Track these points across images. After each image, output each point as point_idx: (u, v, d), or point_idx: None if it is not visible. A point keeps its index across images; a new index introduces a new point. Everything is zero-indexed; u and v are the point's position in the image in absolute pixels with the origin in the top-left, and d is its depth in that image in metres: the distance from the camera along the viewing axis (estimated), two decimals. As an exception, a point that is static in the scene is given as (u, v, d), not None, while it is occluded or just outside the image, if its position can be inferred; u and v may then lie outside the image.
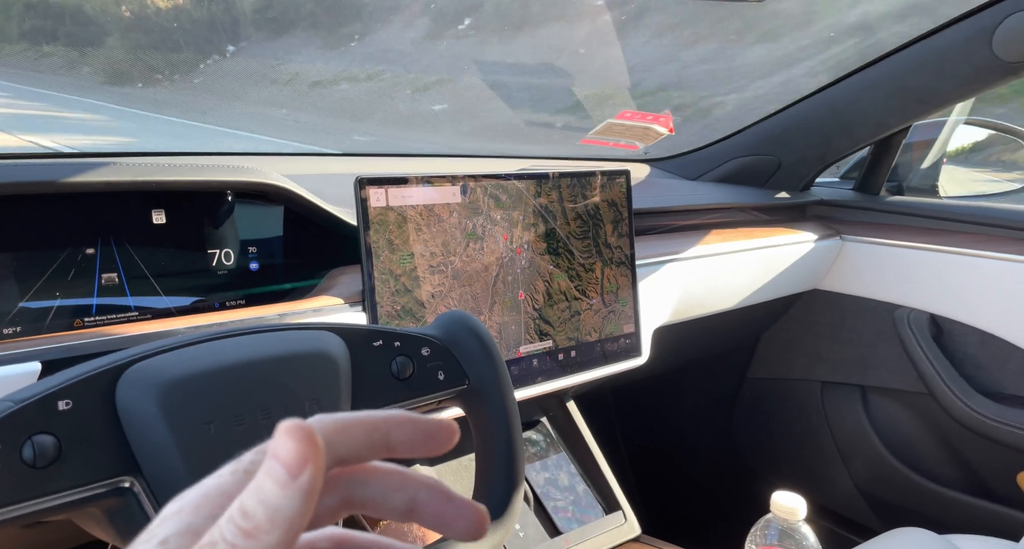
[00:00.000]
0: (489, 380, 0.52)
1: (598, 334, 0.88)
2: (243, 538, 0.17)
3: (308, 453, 0.17)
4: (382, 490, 0.22)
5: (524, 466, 0.52)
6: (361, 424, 0.20)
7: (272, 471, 0.17)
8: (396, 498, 0.22)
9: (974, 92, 1.10)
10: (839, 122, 1.20)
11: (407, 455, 0.21)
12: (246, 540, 0.17)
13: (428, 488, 0.22)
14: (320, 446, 0.18)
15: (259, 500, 0.17)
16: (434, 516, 0.22)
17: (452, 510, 0.22)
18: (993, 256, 1.11)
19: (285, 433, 0.18)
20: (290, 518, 0.17)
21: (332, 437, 0.19)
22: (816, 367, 1.33)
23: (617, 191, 0.91)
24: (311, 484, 0.17)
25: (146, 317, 0.63)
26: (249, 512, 0.17)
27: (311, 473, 0.17)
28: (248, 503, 0.17)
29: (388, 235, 0.71)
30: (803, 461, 1.40)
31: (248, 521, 0.17)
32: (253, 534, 0.17)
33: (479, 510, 0.22)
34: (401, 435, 0.21)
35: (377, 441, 0.21)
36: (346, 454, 0.20)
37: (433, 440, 0.22)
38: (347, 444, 0.20)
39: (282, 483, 0.17)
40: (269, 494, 0.17)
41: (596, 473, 0.96)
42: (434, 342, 0.52)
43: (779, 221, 1.27)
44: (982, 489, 1.17)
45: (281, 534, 0.17)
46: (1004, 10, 0.97)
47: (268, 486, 0.17)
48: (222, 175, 0.65)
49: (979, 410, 1.10)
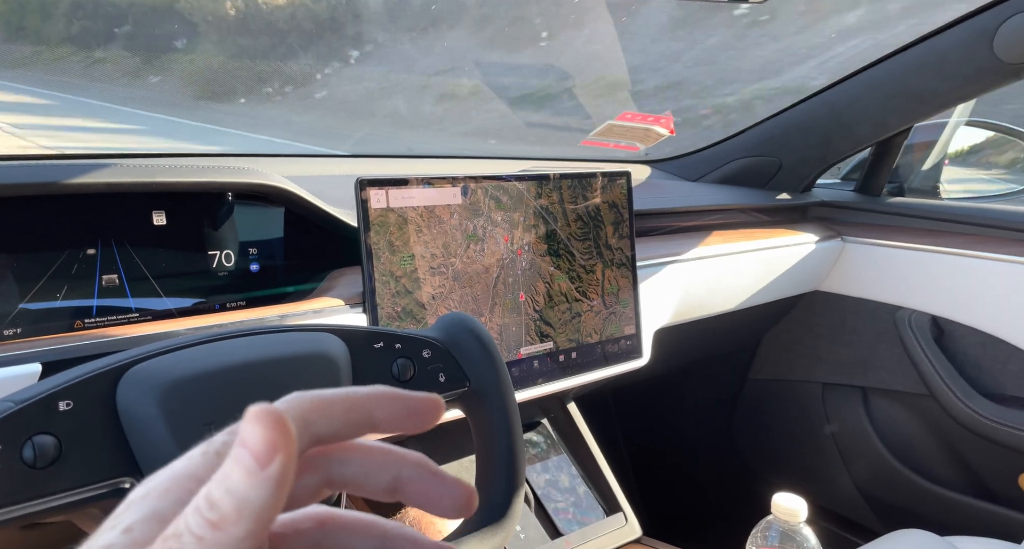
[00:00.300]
0: (490, 382, 0.52)
1: (599, 335, 0.88)
2: (209, 529, 0.16)
3: (278, 440, 0.16)
4: (364, 468, 0.21)
5: (525, 467, 0.52)
6: (341, 401, 0.19)
7: (240, 459, 0.16)
8: (380, 476, 0.21)
9: (975, 93, 1.09)
10: (840, 123, 1.20)
11: (390, 432, 0.21)
12: (212, 532, 0.16)
13: (413, 465, 0.21)
14: (291, 432, 0.17)
15: (226, 490, 0.16)
16: (419, 494, 0.21)
17: (438, 488, 0.21)
18: (994, 257, 1.11)
19: (254, 418, 0.16)
20: (258, 509, 0.16)
21: (309, 415, 0.18)
22: (817, 368, 1.33)
23: (618, 192, 0.91)
24: (281, 473, 0.16)
25: (147, 318, 0.63)
26: (216, 502, 0.16)
27: (281, 462, 0.16)
28: (215, 493, 0.16)
29: (389, 236, 0.71)
30: (804, 462, 1.39)
31: (214, 512, 0.16)
32: (219, 525, 0.16)
33: (467, 488, 0.21)
34: (383, 412, 0.20)
35: (358, 419, 0.20)
36: (325, 433, 0.19)
37: (417, 416, 0.21)
38: (326, 422, 0.19)
39: (250, 472, 0.16)
40: (236, 484, 0.16)
41: (597, 474, 0.96)
42: (435, 344, 0.52)
43: (780, 222, 1.27)
44: (983, 491, 1.17)
45: (249, 526, 0.16)
46: (1005, 11, 0.97)
47: (235, 475, 0.16)
48: (222, 176, 0.65)
49: (980, 412, 1.09)
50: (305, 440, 0.19)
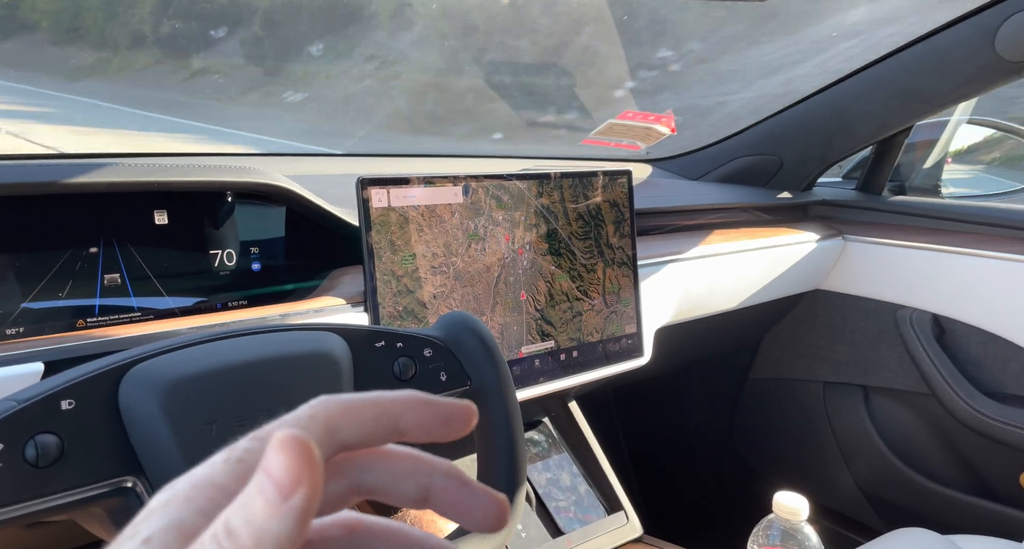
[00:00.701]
0: (491, 381, 0.52)
1: (600, 334, 0.88)
2: None
3: (303, 472, 0.16)
4: (394, 476, 0.20)
5: (526, 466, 0.53)
6: (369, 407, 0.19)
7: (262, 488, 0.16)
8: (409, 484, 0.20)
9: (976, 92, 1.09)
10: (841, 122, 1.19)
11: (420, 440, 0.20)
12: None
13: (444, 475, 0.21)
14: (317, 462, 0.16)
15: (245, 520, 0.16)
16: (450, 504, 0.21)
17: (469, 498, 0.20)
18: (996, 256, 1.11)
19: (279, 446, 0.16)
20: (278, 542, 0.16)
21: (337, 421, 0.18)
22: (818, 367, 1.33)
23: (619, 191, 0.91)
24: (305, 506, 0.16)
25: (148, 318, 0.63)
26: (234, 531, 0.16)
27: (305, 494, 0.16)
28: (234, 522, 0.16)
29: (390, 236, 0.71)
30: (805, 461, 1.39)
31: (232, 541, 0.16)
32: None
33: (499, 499, 0.21)
34: (413, 419, 0.20)
35: (387, 425, 0.19)
36: (352, 439, 0.19)
37: (448, 424, 0.20)
38: (353, 428, 0.18)
39: (272, 504, 0.16)
40: (257, 514, 0.16)
41: (598, 473, 0.96)
42: (436, 343, 0.52)
43: (781, 221, 1.27)
44: (985, 489, 1.17)
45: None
46: (1006, 10, 0.96)
47: (257, 505, 0.16)
48: (224, 175, 0.65)
49: (982, 410, 1.09)
50: (332, 446, 0.18)
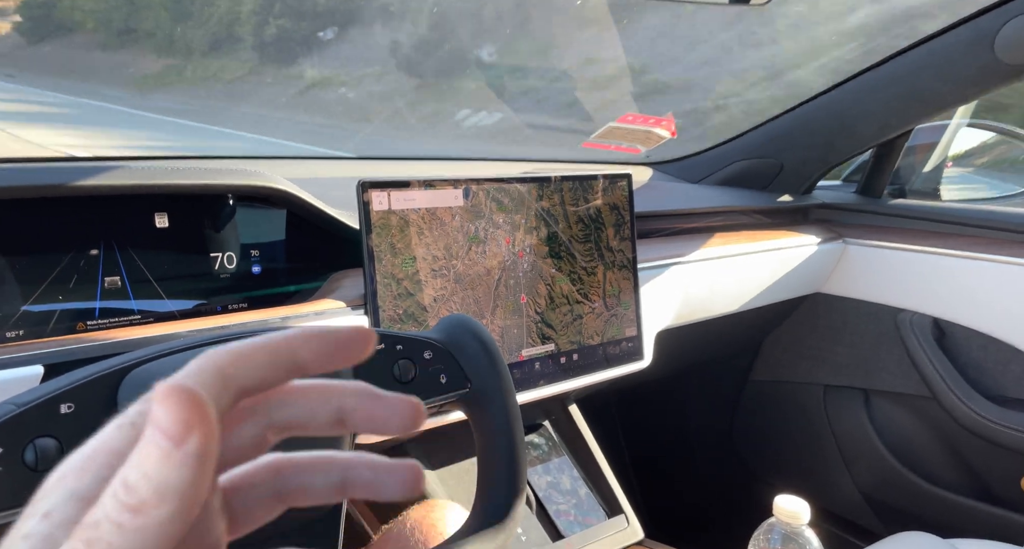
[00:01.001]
0: (491, 383, 0.52)
1: (600, 337, 0.88)
2: (129, 515, 0.15)
3: (191, 417, 0.15)
4: (306, 406, 0.20)
5: (526, 469, 0.52)
6: (261, 348, 0.19)
7: (153, 440, 0.15)
8: (323, 411, 0.21)
9: (976, 95, 1.09)
10: (841, 125, 1.20)
11: (320, 370, 0.20)
12: (133, 517, 0.15)
13: (354, 393, 0.21)
14: (206, 405, 0.16)
15: (142, 473, 0.15)
16: (365, 419, 0.21)
17: (382, 408, 0.21)
18: (996, 259, 1.11)
19: (162, 398, 0.15)
20: (179, 490, 0.15)
21: (228, 370, 0.18)
22: (819, 370, 1.33)
23: (619, 194, 0.91)
24: (200, 451, 0.15)
25: (149, 320, 0.63)
26: (133, 486, 0.15)
27: (199, 439, 0.15)
28: (131, 477, 0.15)
29: (390, 238, 0.71)
30: (806, 464, 1.39)
31: (132, 496, 0.15)
32: (140, 510, 0.15)
33: (412, 402, 0.21)
34: (308, 351, 0.19)
35: (283, 362, 0.19)
36: (252, 383, 0.18)
37: (347, 348, 0.20)
38: (249, 372, 0.18)
39: (166, 453, 0.15)
40: (153, 465, 0.15)
41: (598, 477, 0.96)
42: (436, 345, 0.52)
43: (781, 224, 1.27)
44: (985, 493, 1.16)
45: (172, 507, 0.15)
46: (1006, 13, 0.97)
47: (151, 457, 0.15)
48: (224, 178, 0.65)
49: (982, 414, 1.09)
50: (231, 394, 0.18)
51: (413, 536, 0.68)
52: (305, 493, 0.21)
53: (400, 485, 0.21)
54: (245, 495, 0.21)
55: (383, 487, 0.21)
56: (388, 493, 0.21)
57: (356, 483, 0.21)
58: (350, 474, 0.21)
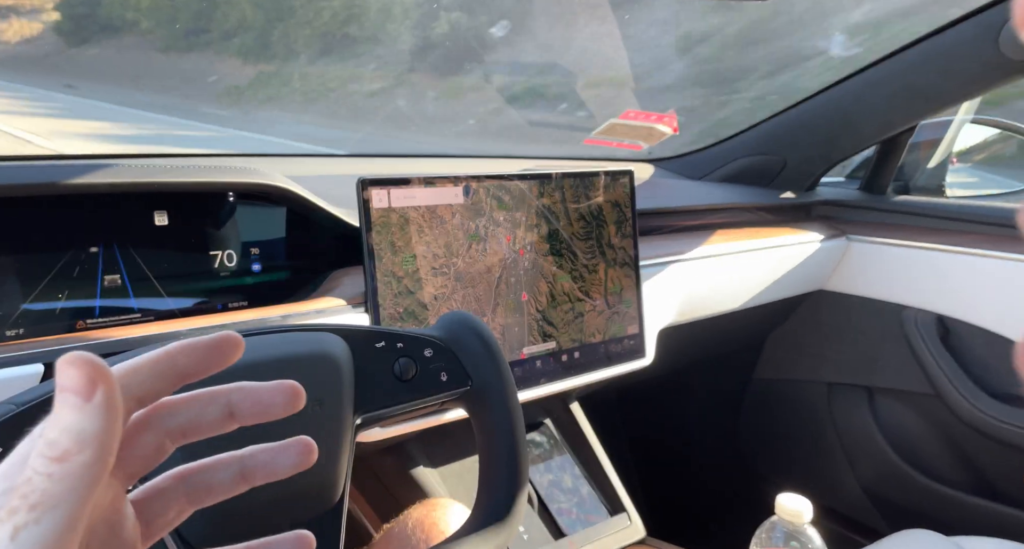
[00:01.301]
0: (492, 381, 0.52)
1: (602, 335, 0.88)
2: (56, 464, 0.17)
3: (93, 373, 0.18)
4: (194, 410, 0.23)
5: (528, 466, 0.52)
6: (145, 361, 0.21)
7: (65, 401, 0.18)
8: (212, 411, 0.23)
9: (981, 91, 1.09)
10: (845, 121, 1.19)
11: (199, 376, 0.22)
12: (59, 465, 0.17)
13: (237, 389, 0.23)
14: (103, 365, 0.18)
15: (61, 428, 0.18)
16: (253, 409, 0.23)
17: (264, 396, 0.23)
18: (1000, 256, 1.10)
19: (63, 365, 0.18)
20: (96, 435, 0.18)
21: (122, 381, 0.20)
22: (822, 368, 1.32)
23: (621, 191, 0.90)
24: (108, 399, 0.18)
25: (149, 319, 0.63)
26: (54, 440, 0.18)
27: (104, 390, 0.18)
28: (51, 433, 0.18)
29: (390, 236, 0.70)
30: (809, 463, 1.39)
31: (55, 449, 0.17)
32: (64, 458, 0.17)
33: (290, 384, 0.23)
34: (186, 359, 0.22)
35: (166, 370, 0.21)
36: (142, 392, 0.21)
37: (218, 352, 0.22)
38: (138, 382, 0.21)
39: (78, 407, 0.18)
40: (69, 420, 0.18)
41: (600, 475, 0.96)
42: (437, 343, 0.52)
43: (784, 221, 1.26)
44: (990, 491, 1.16)
45: (93, 452, 0.17)
46: (1011, 8, 0.96)
47: (65, 414, 0.18)
48: (224, 176, 0.65)
49: (986, 411, 1.09)
50: (127, 404, 0.20)
51: (415, 535, 0.68)
52: (211, 490, 0.24)
53: (295, 459, 0.24)
54: (155, 502, 0.23)
55: (282, 465, 0.24)
56: (286, 469, 0.24)
57: (255, 469, 0.24)
58: (247, 463, 0.24)
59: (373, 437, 0.68)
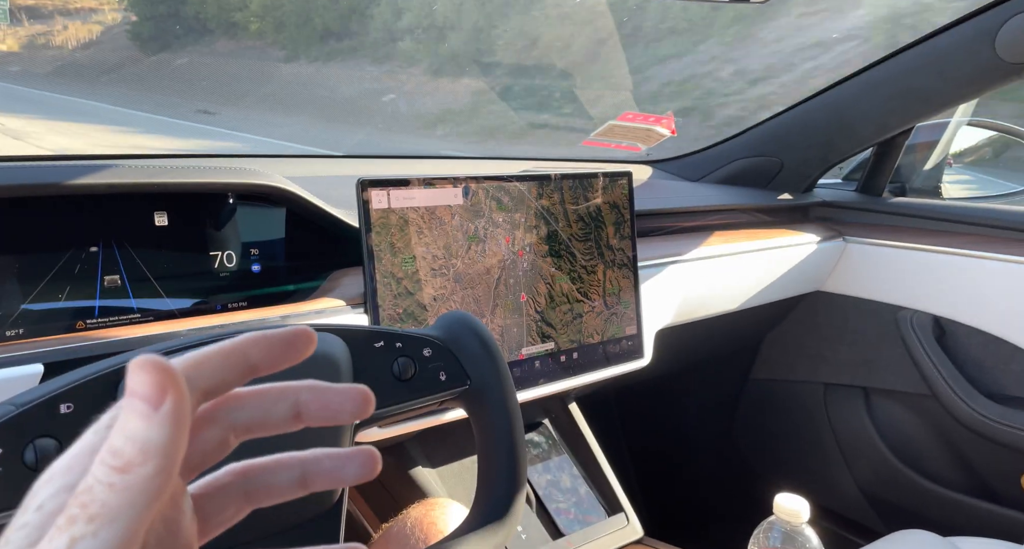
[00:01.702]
0: (491, 380, 0.52)
1: (600, 336, 0.88)
2: (117, 475, 0.17)
3: (164, 381, 0.17)
4: (262, 406, 0.22)
5: (526, 466, 0.52)
6: (215, 353, 0.20)
7: (133, 407, 0.17)
8: (279, 409, 0.22)
9: (977, 93, 1.09)
10: (842, 123, 1.19)
11: (271, 370, 0.21)
12: (120, 476, 0.17)
13: (307, 388, 0.22)
14: (175, 372, 0.17)
15: (126, 437, 0.17)
16: (320, 411, 0.22)
17: (335, 398, 0.22)
18: (996, 258, 1.11)
19: (136, 368, 0.17)
20: (162, 446, 0.17)
21: (190, 372, 0.19)
22: (819, 369, 1.33)
23: (619, 193, 0.91)
24: (176, 410, 0.17)
25: (148, 319, 0.63)
26: (118, 449, 0.17)
27: (173, 399, 0.17)
28: (115, 442, 0.17)
29: (390, 237, 0.71)
30: (806, 463, 1.39)
31: (118, 458, 0.17)
32: (126, 469, 0.17)
33: (359, 389, 0.22)
34: (258, 352, 0.21)
35: (236, 364, 0.21)
36: (210, 385, 0.20)
37: (292, 348, 0.22)
38: (207, 375, 0.20)
39: (145, 415, 0.17)
40: (135, 428, 0.17)
41: (598, 475, 0.96)
42: (435, 343, 0.52)
43: (782, 223, 1.27)
44: (986, 491, 1.16)
45: (156, 463, 0.17)
46: (1007, 11, 0.96)
47: (132, 422, 0.17)
48: (224, 177, 0.65)
49: (982, 412, 1.09)
50: (194, 397, 0.19)
51: (413, 534, 0.68)
52: (270, 491, 0.23)
53: (359, 469, 0.23)
54: (214, 499, 0.22)
55: (343, 473, 0.23)
56: (349, 479, 0.23)
57: (317, 474, 0.23)
58: (310, 468, 0.23)
59: (372, 437, 0.68)
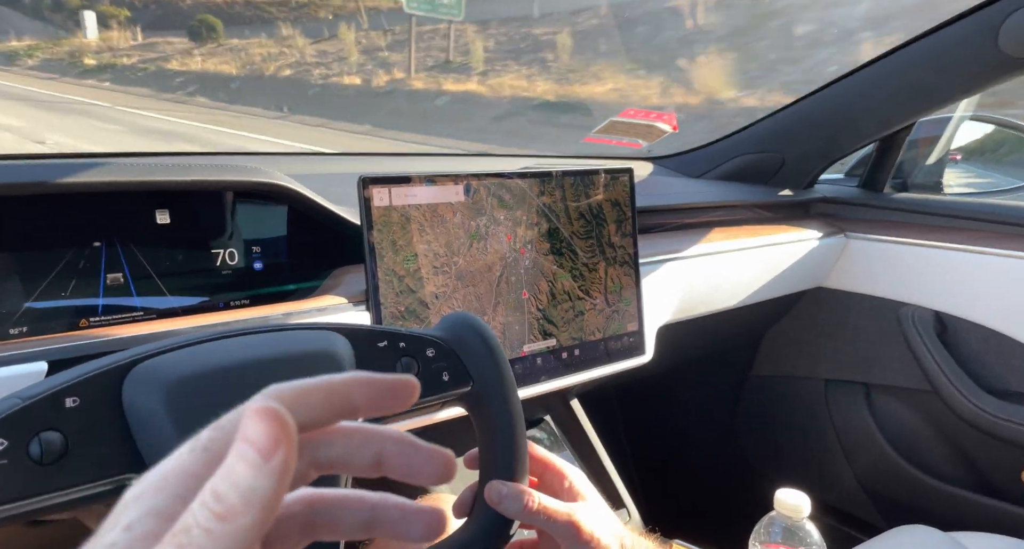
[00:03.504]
0: (493, 382, 0.52)
1: (602, 333, 0.88)
2: (216, 522, 0.17)
3: (280, 435, 0.17)
4: (347, 448, 0.22)
5: (528, 467, 0.53)
6: (319, 389, 0.20)
7: (244, 455, 0.17)
8: (362, 454, 0.22)
9: (979, 88, 1.09)
10: (843, 119, 1.19)
11: (371, 415, 0.21)
12: (220, 523, 0.17)
13: (394, 440, 0.22)
14: (291, 427, 0.18)
15: (232, 484, 0.17)
16: (402, 466, 0.22)
17: (419, 458, 0.22)
18: (998, 253, 1.11)
19: (255, 416, 0.17)
20: (264, 499, 0.17)
21: (292, 405, 0.19)
22: (820, 365, 1.33)
23: (620, 190, 0.91)
24: (284, 465, 0.17)
25: (151, 317, 0.63)
26: (222, 495, 0.17)
27: (283, 454, 0.17)
28: (220, 487, 0.17)
29: (391, 235, 0.71)
30: (807, 459, 1.39)
31: (221, 505, 0.17)
32: (227, 517, 0.17)
33: (445, 454, 0.22)
34: (361, 396, 0.21)
35: (337, 404, 0.21)
36: (308, 420, 0.20)
37: (394, 397, 0.22)
38: (308, 410, 0.20)
39: (255, 466, 0.17)
40: (242, 477, 0.17)
41: (600, 471, 0.97)
42: (439, 343, 0.52)
43: (783, 219, 1.27)
44: (986, 486, 1.17)
45: (255, 515, 0.17)
46: (1010, 5, 0.96)
47: (240, 469, 0.17)
48: (226, 175, 0.65)
49: (983, 407, 1.09)
50: None
51: None
52: (335, 527, 0.23)
53: (424, 528, 0.23)
54: (281, 525, 0.22)
55: (409, 529, 0.23)
56: (413, 536, 0.22)
57: (383, 522, 0.23)
58: (378, 514, 0.23)
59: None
